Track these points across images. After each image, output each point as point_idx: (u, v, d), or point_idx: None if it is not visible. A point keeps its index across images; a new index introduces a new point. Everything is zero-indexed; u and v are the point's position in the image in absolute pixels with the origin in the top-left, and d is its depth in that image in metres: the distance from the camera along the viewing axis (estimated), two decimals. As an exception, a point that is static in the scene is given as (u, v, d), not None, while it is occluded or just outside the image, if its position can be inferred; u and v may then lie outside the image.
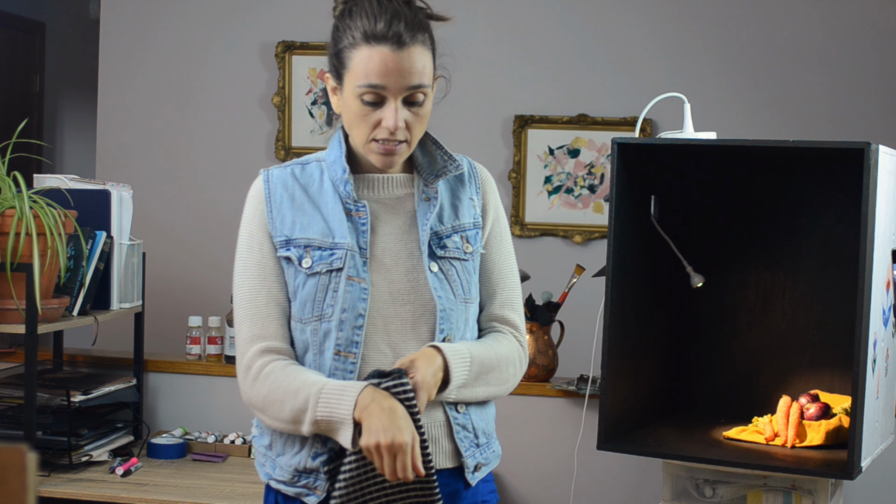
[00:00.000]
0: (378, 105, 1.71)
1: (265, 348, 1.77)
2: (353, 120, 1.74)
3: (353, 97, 1.72)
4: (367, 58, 1.69)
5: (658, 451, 2.41)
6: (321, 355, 1.74)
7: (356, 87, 1.71)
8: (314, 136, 4.25)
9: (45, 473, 2.84)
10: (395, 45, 1.69)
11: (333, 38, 1.75)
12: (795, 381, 2.65)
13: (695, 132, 2.60)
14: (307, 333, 1.75)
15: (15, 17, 6.00)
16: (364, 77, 1.70)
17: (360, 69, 1.70)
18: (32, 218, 2.61)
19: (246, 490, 2.82)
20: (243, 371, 1.80)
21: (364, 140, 1.74)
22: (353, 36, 1.71)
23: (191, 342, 3.35)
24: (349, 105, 1.73)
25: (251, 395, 1.78)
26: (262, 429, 1.83)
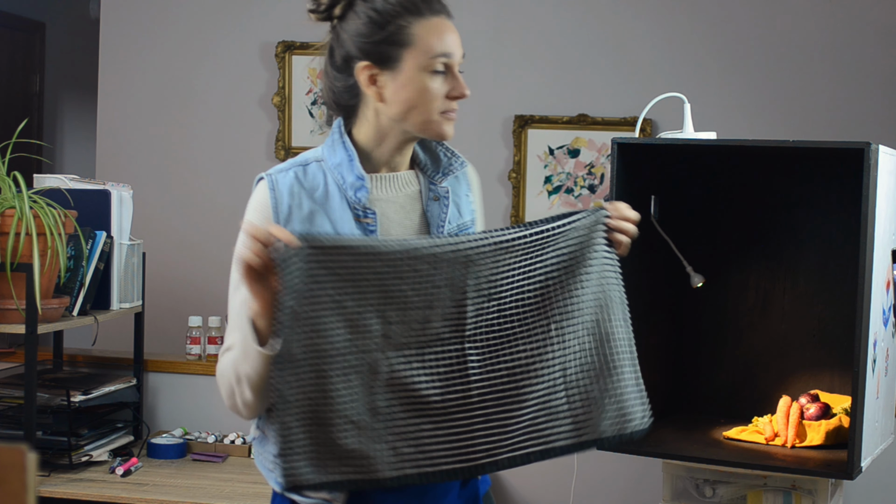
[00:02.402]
0: (445, 74, 1.72)
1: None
2: (420, 96, 1.70)
3: (419, 72, 1.69)
4: (433, 27, 1.70)
5: (658, 451, 2.41)
6: None
7: (428, 60, 1.69)
8: (314, 136, 4.25)
9: (45, 473, 2.84)
10: (447, 15, 1.73)
11: (374, 23, 1.70)
12: (795, 381, 2.65)
13: (695, 132, 2.59)
14: None
15: (15, 17, 6.00)
16: (437, 46, 1.70)
17: (428, 41, 1.69)
18: (32, 218, 2.61)
19: (246, 490, 2.82)
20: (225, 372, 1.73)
21: (430, 115, 1.71)
22: (406, 11, 1.69)
23: (191, 342, 3.35)
24: (414, 83, 1.70)
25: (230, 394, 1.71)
26: (271, 437, 1.72)
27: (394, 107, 1.71)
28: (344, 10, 1.73)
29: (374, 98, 1.72)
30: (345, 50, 1.74)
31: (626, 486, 3.10)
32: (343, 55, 1.74)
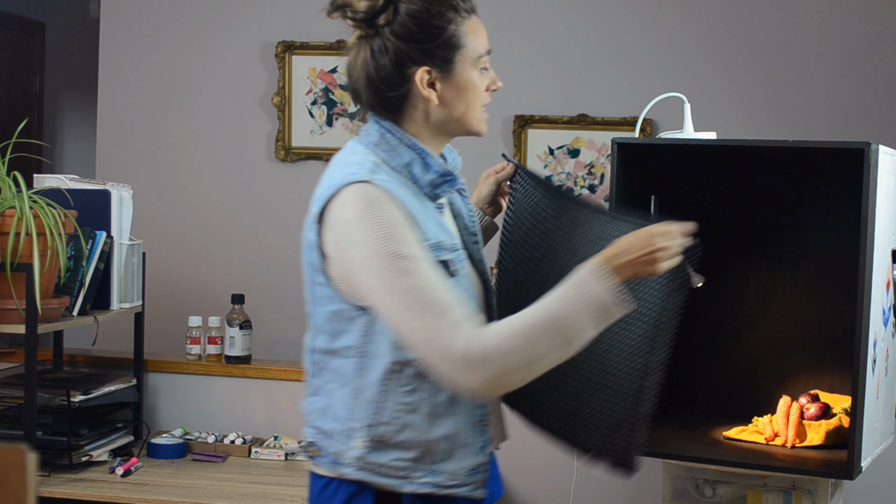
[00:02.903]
0: (485, 70, 1.84)
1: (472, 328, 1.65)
2: (473, 94, 1.82)
3: (472, 70, 1.81)
4: (475, 27, 1.82)
5: (658, 451, 2.40)
6: None
7: (475, 60, 1.81)
8: (314, 136, 4.25)
9: (45, 473, 2.84)
10: (476, 12, 1.84)
11: (430, 30, 1.75)
12: (795, 381, 2.65)
13: (695, 132, 2.59)
14: None
15: (15, 17, 6.00)
16: (482, 45, 1.82)
17: (475, 40, 1.81)
18: (32, 218, 2.61)
19: (246, 490, 2.82)
20: (459, 361, 1.62)
21: (477, 112, 1.84)
22: (453, 13, 1.78)
23: (191, 342, 3.35)
24: (471, 82, 1.81)
25: (486, 375, 1.62)
26: (395, 440, 1.73)
27: (449, 108, 1.80)
28: (389, 18, 1.76)
29: (433, 101, 1.78)
30: (395, 56, 1.76)
31: (626, 486, 3.10)
32: (393, 61, 1.76)
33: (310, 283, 1.78)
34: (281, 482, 2.90)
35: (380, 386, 1.73)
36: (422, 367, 1.69)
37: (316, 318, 1.79)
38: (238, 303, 3.30)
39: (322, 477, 1.80)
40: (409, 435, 1.73)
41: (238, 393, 3.30)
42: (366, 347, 1.73)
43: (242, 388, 3.30)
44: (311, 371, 1.82)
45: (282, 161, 4.26)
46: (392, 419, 1.73)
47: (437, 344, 1.63)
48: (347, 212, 1.68)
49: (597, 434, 1.88)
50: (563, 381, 1.87)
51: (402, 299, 1.64)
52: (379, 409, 1.73)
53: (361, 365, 1.74)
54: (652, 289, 1.83)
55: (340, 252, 1.70)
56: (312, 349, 1.81)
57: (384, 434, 1.73)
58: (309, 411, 1.82)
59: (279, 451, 3.12)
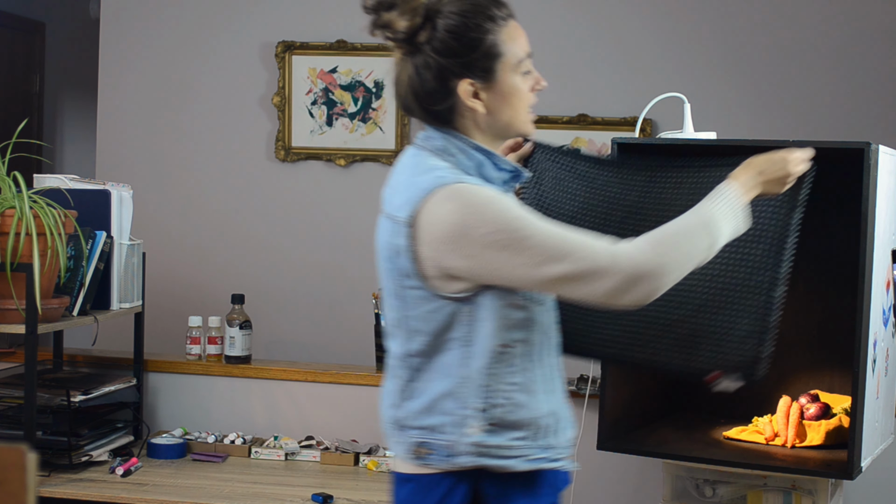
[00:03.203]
0: (529, 73, 1.87)
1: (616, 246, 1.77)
2: (517, 98, 1.85)
3: (515, 76, 1.84)
4: (513, 33, 1.84)
5: (658, 451, 2.41)
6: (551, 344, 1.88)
7: (519, 64, 1.84)
8: (314, 136, 4.25)
9: (45, 473, 2.84)
10: (514, 15, 1.86)
11: (468, 43, 1.80)
12: (795, 381, 2.65)
13: (695, 132, 2.59)
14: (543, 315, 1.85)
15: (15, 17, 6.00)
16: (522, 50, 1.85)
17: (515, 46, 1.84)
18: (32, 218, 2.61)
19: (246, 490, 2.82)
20: (623, 277, 1.72)
21: (523, 115, 1.87)
22: (491, 23, 1.81)
23: (191, 342, 3.35)
24: (514, 87, 1.84)
25: (650, 284, 1.74)
26: (508, 420, 1.80)
27: (496, 114, 1.84)
28: (429, 35, 1.81)
29: (479, 110, 1.83)
30: (438, 72, 1.81)
31: (626, 486, 3.10)
32: (436, 76, 1.81)
33: (397, 289, 1.82)
34: (281, 482, 2.90)
35: (488, 370, 1.79)
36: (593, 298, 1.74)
37: (410, 322, 1.82)
38: (238, 303, 3.30)
39: (429, 475, 1.83)
40: (521, 414, 1.81)
41: (238, 393, 3.30)
42: (469, 337, 1.79)
43: (242, 388, 3.30)
44: (408, 376, 1.85)
45: (282, 161, 4.26)
46: (503, 401, 1.79)
47: (596, 272, 1.72)
48: (449, 208, 1.73)
49: (721, 352, 1.99)
50: (669, 311, 2.02)
51: (543, 254, 1.72)
52: (490, 392, 1.79)
53: (466, 354, 1.79)
54: (771, 208, 2.00)
55: (450, 246, 1.73)
56: (407, 354, 1.84)
57: (498, 416, 1.79)
58: (408, 414, 1.84)
59: (279, 451, 3.12)
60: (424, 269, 1.76)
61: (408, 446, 1.84)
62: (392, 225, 1.80)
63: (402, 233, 1.77)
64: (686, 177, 2.11)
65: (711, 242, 1.81)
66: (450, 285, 1.77)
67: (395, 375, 1.87)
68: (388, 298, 1.86)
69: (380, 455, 3.07)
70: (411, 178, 1.81)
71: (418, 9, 1.81)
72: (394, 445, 1.89)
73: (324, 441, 3.18)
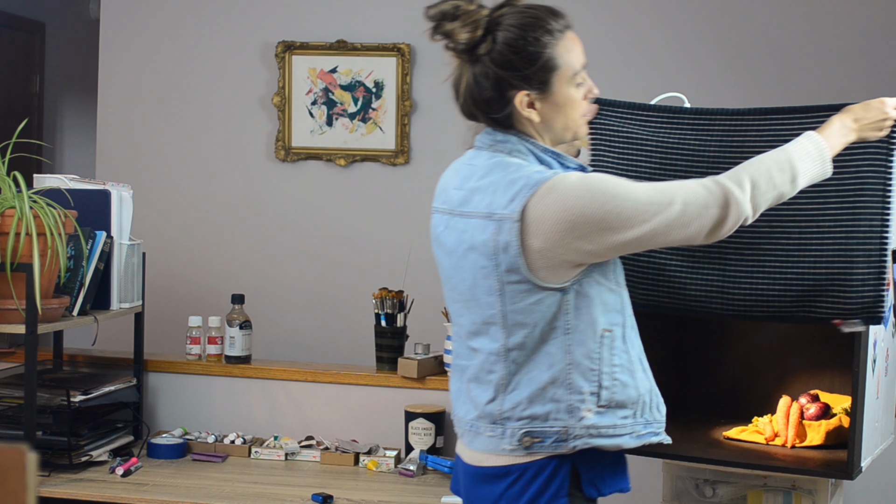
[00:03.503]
0: (583, 82, 1.94)
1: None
2: (573, 108, 1.93)
3: (570, 87, 1.91)
4: (569, 45, 1.91)
5: (658, 451, 2.40)
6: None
7: (571, 77, 1.91)
8: (314, 136, 4.25)
9: (45, 473, 2.84)
10: (571, 26, 1.94)
11: (527, 56, 1.87)
12: (795, 381, 2.65)
13: (695, 132, 2.58)
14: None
15: (15, 17, 6.00)
16: (578, 60, 1.92)
17: (571, 58, 1.90)
18: (32, 218, 2.61)
19: (246, 490, 2.82)
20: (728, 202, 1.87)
21: (577, 122, 1.95)
22: (549, 37, 1.88)
23: (191, 342, 3.35)
24: (569, 98, 1.92)
25: (751, 203, 1.89)
26: (617, 400, 1.90)
27: (550, 122, 1.93)
28: (489, 47, 1.88)
29: (534, 119, 1.91)
30: (495, 82, 1.89)
31: (626, 486, 3.09)
32: (494, 86, 1.90)
33: (497, 284, 1.88)
34: (281, 482, 2.90)
35: (594, 355, 1.88)
36: (703, 232, 1.87)
37: (511, 317, 1.89)
38: (238, 303, 3.30)
39: (530, 462, 1.91)
40: (627, 393, 1.91)
41: (238, 393, 3.30)
42: (573, 324, 1.87)
43: (242, 388, 3.30)
44: (509, 369, 1.92)
45: (282, 161, 4.26)
46: (612, 382, 1.89)
47: (702, 206, 1.85)
48: (557, 199, 1.82)
49: (841, 300, 2.11)
50: (788, 267, 2.15)
51: (651, 209, 1.83)
52: (599, 375, 1.89)
53: (570, 341, 1.88)
54: (868, 158, 2.09)
55: (569, 234, 1.81)
56: (508, 348, 1.91)
57: (609, 398, 1.89)
58: (513, 405, 1.91)
59: (279, 451, 3.12)
60: (534, 261, 1.84)
61: (511, 438, 1.91)
62: (491, 223, 1.86)
63: (509, 229, 1.83)
64: (768, 125, 2.22)
65: (793, 178, 1.92)
66: (560, 275, 1.85)
67: (488, 371, 1.94)
68: (477, 295, 1.92)
69: (380, 455, 3.07)
70: (504, 176, 1.88)
71: (480, 21, 1.88)
72: (484, 444, 1.94)
73: (324, 441, 3.18)
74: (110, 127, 4.38)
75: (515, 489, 1.91)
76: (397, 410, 3.16)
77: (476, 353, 1.96)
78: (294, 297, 4.31)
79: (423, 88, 4.24)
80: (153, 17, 4.34)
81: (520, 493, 1.90)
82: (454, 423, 2.06)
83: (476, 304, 1.93)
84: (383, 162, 4.24)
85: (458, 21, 1.88)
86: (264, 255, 4.30)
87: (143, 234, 3.39)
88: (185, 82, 4.33)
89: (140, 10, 4.34)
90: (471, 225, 1.90)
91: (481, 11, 1.89)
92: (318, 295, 4.31)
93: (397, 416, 3.15)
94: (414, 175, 4.25)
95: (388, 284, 3.36)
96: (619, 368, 1.90)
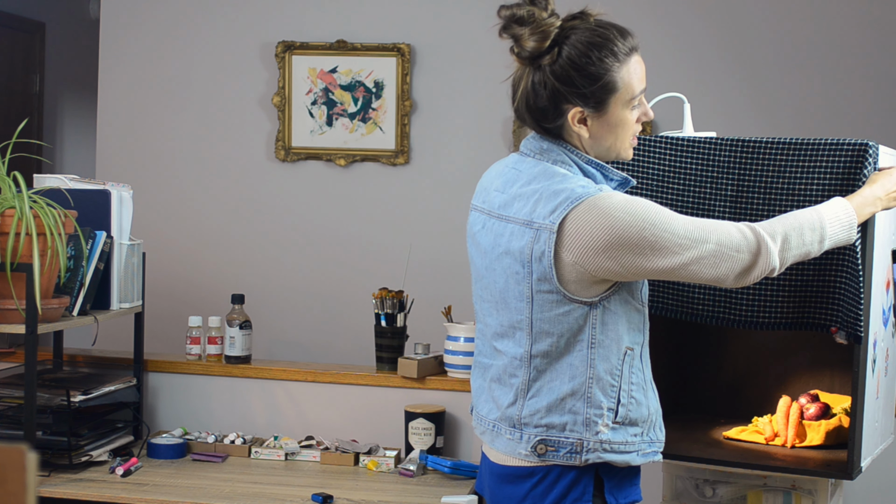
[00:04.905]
0: (639, 105, 1.95)
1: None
2: (624, 130, 1.94)
3: (626, 110, 1.92)
4: (633, 69, 1.93)
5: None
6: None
7: (629, 100, 1.92)
8: (314, 136, 4.25)
9: (45, 473, 2.84)
10: (638, 49, 1.96)
11: (586, 74, 1.87)
12: (795, 381, 2.65)
13: (695, 132, 2.59)
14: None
15: (15, 17, 6.00)
16: (638, 85, 1.93)
17: (632, 82, 1.92)
18: (32, 218, 2.61)
19: (246, 490, 2.82)
20: (760, 249, 1.91)
21: (625, 143, 1.95)
22: (613, 59, 1.89)
23: (191, 342, 3.35)
24: (621, 119, 1.92)
25: (780, 256, 1.93)
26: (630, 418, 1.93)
27: (599, 140, 1.93)
28: (552, 59, 1.89)
29: (584, 135, 1.92)
30: (552, 94, 1.90)
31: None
32: (550, 97, 1.90)
33: (528, 290, 1.89)
34: (281, 482, 2.90)
35: (616, 371, 1.91)
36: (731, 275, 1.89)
37: (537, 324, 1.90)
38: (238, 303, 3.30)
39: (555, 465, 1.93)
40: (641, 412, 1.95)
41: (238, 393, 3.30)
42: (598, 338, 1.89)
43: (242, 388, 3.30)
44: (531, 375, 1.94)
45: (282, 161, 4.26)
46: (628, 400, 1.92)
47: (734, 250, 1.88)
48: (597, 217, 1.83)
49: (832, 310, 2.17)
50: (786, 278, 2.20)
51: (686, 242, 1.86)
52: (618, 392, 1.91)
53: (594, 355, 1.90)
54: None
55: (603, 253, 1.83)
56: (531, 355, 1.93)
57: (624, 415, 1.92)
58: (532, 412, 1.94)
59: (279, 451, 3.12)
60: (565, 273, 1.85)
61: (527, 443, 1.93)
62: (529, 231, 1.87)
63: (546, 239, 1.84)
64: (785, 160, 2.23)
65: (821, 240, 1.98)
66: (589, 290, 1.87)
67: (511, 374, 1.96)
68: (508, 299, 1.93)
69: (380, 455, 3.07)
70: (548, 186, 1.89)
71: (549, 32, 1.88)
72: (504, 445, 1.97)
73: (324, 441, 3.18)
74: (110, 127, 4.38)
75: (540, 489, 1.93)
76: (397, 410, 3.16)
77: (500, 355, 1.98)
78: (294, 297, 4.31)
79: (423, 88, 4.24)
80: (153, 17, 4.34)
81: (544, 493, 1.93)
82: (474, 420, 2.08)
83: (505, 307, 1.94)
84: (383, 162, 4.24)
85: (527, 27, 1.88)
86: (264, 255, 4.30)
87: (143, 234, 3.39)
88: (185, 82, 4.33)
89: (140, 10, 4.34)
90: (509, 230, 1.91)
91: (553, 22, 1.89)
92: (318, 295, 4.31)
93: (397, 416, 3.15)
94: (414, 175, 4.25)
95: (388, 284, 3.36)
96: (636, 386, 1.94)
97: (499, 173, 2.01)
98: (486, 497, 2.05)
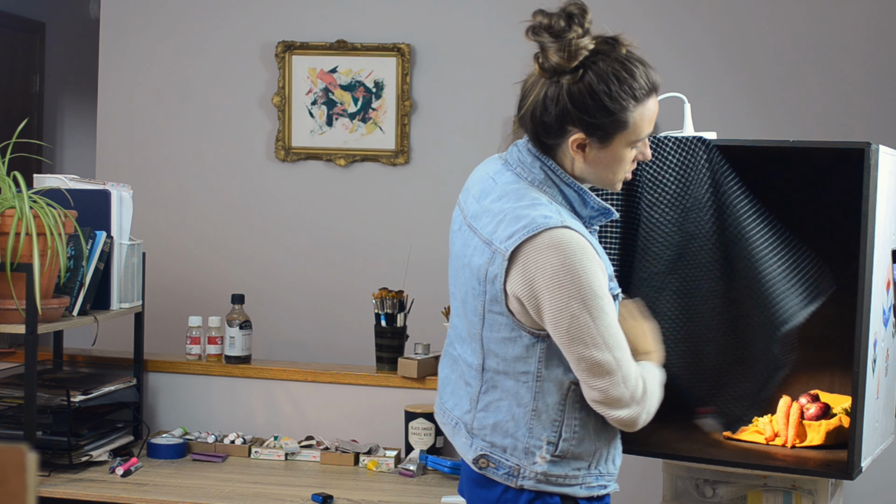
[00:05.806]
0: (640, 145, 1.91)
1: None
2: (620, 165, 1.89)
3: (626, 148, 1.88)
4: (648, 112, 1.88)
5: (658, 451, 2.40)
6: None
7: (634, 140, 1.87)
8: (314, 136, 4.25)
9: (45, 473, 2.84)
10: (657, 89, 1.92)
11: (602, 108, 1.83)
12: (795, 381, 2.65)
13: (695, 132, 2.59)
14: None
15: (15, 17, 6.00)
16: (647, 128, 1.89)
17: (641, 125, 1.87)
18: (32, 218, 2.61)
19: (246, 490, 2.82)
20: (638, 397, 1.87)
21: (617, 177, 1.91)
22: (631, 99, 1.85)
23: (191, 342, 3.35)
24: (620, 155, 1.88)
25: (641, 420, 1.90)
26: (573, 452, 1.90)
27: (592, 168, 1.88)
28: (572, 79, 1.84)
29: (578, 161, 1.87)
30: (561, 112, 1.85)
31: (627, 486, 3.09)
32: (559, 115, 1.85)
33: (480, 308, 1.87)
34: (281, 482, 2.90)
35: (560, 406, 1.87)
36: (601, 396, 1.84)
37: (487, 342, 1.89)
38: (238, 303, 3.30)
39: (497, 483, 1.92)
40: (585, 446, 1.90)
41: (238, 393, 3.30)
42: (543, 372, 1.85)
43: (242, 388, 3.30)
44: (481, 388, 1.92)
45: (282, 161, 4.26)
46: (571, 435, 1.88)
47: (621, 400, 1.84)
48: (551, 256, 1.77)
49: (720, 398, 2.27)
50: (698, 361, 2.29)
51: (599, 342, 1.80)
52: (560, 427, 1.88)
53: (539, 388, 1.86)
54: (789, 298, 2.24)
55: (542, 292, 1.78)
56: (482, 367, 1.91)
57: (565, 449, 1.88)
58: (481, 426, 1.92)
59: (279, 451, 3.12)
60: (511, 301, 1.82)
61: (474, 452, 1.92)
62: (488, 250, 1.84)
63: (500, 263, 1.81)
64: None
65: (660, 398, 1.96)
66: (531, 321, 1.83)
67: (466, 381, 1.95)
68: (466, 309, 1.91)
69: (380, 455, 3.07)
70: (513, 209, 1.84)
71: (576, 54, 1.83)
72: (460, 445, 1.97)
73: (324, 441, 3.18)
74: (110, 127, 4.38)
75: (510, 494, 1.91)
76: (397, 410, 3.16)
77: (462, 357, 1.97)
78: (294, 297, 4.31)
79: (423, 88, 4.24)
80: (153, 17, 4.34)
81: (514, 499, 1.91)
82: (437, 410, 2.06)
83: (465, 315, 1.93)
84: (383, 162, 4.24)
85: (557, 42, 1.84)
86: (264, 255, 4.30)
87: (143, 234, 3.39)
88: (185, 82, 4.33)
89: (140, 10, 4.34)
90: (473, 243, 1.89)
91: (584, 45, 1.84)
92: (318, 295, 4.31)
93: (397, 416, 3.15)
94: (414, 175, 4.25)
95: (388, 284, 3.36)
96: (580, 422, 1.89)
97: (479, 179, 1.97)
98: (465, 498, 2.03)
